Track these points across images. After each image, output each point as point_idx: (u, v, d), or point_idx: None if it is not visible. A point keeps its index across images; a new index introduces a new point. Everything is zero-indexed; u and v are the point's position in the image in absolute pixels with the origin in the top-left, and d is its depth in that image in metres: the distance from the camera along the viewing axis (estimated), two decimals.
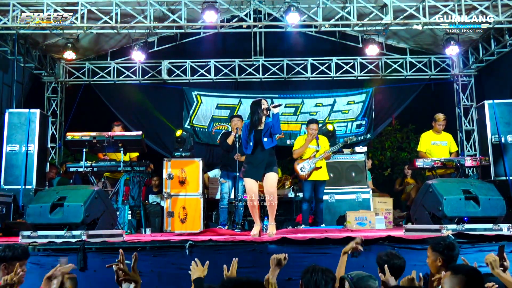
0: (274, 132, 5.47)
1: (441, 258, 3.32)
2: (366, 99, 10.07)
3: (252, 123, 5.50)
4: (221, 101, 10.10)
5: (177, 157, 7.48)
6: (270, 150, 5.51)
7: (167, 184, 7.29)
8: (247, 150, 5.50)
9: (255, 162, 5.49)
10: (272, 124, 5.44)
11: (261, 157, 5.48)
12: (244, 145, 5.59)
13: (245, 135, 5.54)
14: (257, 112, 5.46)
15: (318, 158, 7.07)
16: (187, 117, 9.99)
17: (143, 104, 10.06)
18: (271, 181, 5.49)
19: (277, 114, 5.42)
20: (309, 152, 7.19)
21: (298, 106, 10.12)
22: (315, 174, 7.09)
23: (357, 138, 10.02)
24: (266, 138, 5.46)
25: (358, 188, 7.71)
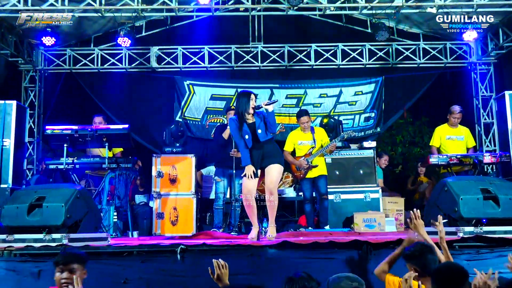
0: (270, 131, 5.50)
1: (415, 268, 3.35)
2: (375, 89, 10.06)
3: (241, 117, 5.50)
4: (216, 92, 10.08)
5: (168, 152, 7.48)
6: (267, 142, 5.51)
7: (157, 183, 7.29)
8: (248, 142, 5.49)
9: (253, 158, 5.49)
10: (267, 121, 5.45)
11: (259, 151, 5.48)
12: (237, 142, 5.57)
13: (235, 131, 5.52)
14: (244, 106, 5.47)
15: (316, 155, 7.08)
16: (179, 109, 9.98)
17: (130, 94, 10.03)
18: (272, 175, 5.47)
19: (272, 113, 5.42)
20: (304, 149, 7.20)
21: (301, 97, 10.10)
22: (312, 171, 7.13)
23: (366, 132, 10.02)
24: (260, 129, 5.46)
25: (366, 187, 7.71)
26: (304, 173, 7.15)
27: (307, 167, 7.10)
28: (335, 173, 7.74)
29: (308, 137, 7.20)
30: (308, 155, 7.15)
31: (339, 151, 7.74)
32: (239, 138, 5.48)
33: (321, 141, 7.20)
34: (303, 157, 7.16)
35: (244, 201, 5.56)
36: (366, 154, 7.87)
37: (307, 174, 7.14)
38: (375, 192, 7.68)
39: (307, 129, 7.17)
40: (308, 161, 7.11)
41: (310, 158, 7.11)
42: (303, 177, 7.18)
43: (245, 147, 5.49)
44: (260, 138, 5.45)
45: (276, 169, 5.49)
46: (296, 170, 7.25)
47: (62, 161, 6.46)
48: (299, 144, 7.25)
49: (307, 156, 7.14)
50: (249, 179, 5.45)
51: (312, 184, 7.19)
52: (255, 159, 5.50)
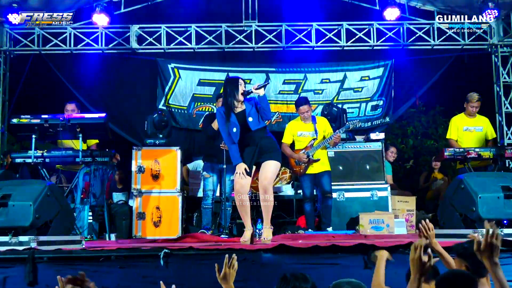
0: (264, 117, 5.50)
1: (466, 265, 3.36)
2: (384, 74, 10.08)
3: (228, 107, 5.49)
4: (205, 76, 10.07)
5: (150, 145, 7.48)
6: (260, 132, 5.50)
7: (137, 179, 7.30)
8: (234, 137, 5.47)
9: (245, 152, 5.49)
10: (260, 107, 5.44)
11: (252, 144, 5.48)
12: (225, 138, 5.57)
13: (222, 124, 5.50)
14: (232, 94, 5.46)
15: (317, 148, 7.10)
16: (162, 95, 9.97)
17: (107, 79, 10.01)
18: (267, 171, 5.47)
19: (264, 97, 5.41)
20: (304, 141, 7.21)
21: (300, 82, 10.11)
22: (314, 167, 7.15)
23: (373, 123, 10.04)
24: (251, 117, 5.46)
25: (373, 184, 7.75)
26: (304, 168, 7.16)
27: (307, 161, 7.11)
28: (338, 169, 7.76)
29: (309, 127, 7.21)
30: (309, 147, 7.16)
31: (342, 143, 7.76)
32: (227, 133, 5.47)
33: (324, 132, 7.21)
34: (303, 150, 7.17)
35: (236, 199, 5.55)
36: (373, 147, 7.89)
37: (308, 169, 7.15)
38: (383, 190, 7.71)
39: (308, 119, 7.18)
40: (309, 155, 7.12)
41: (311, 151, 7.12)
42: (302, 173, 7.19)
43: (233, 142, 5.48)
44: (252, 127, 5.42)
45: (272, 165, 5.48)
46: (295, 164, 7.26)
47: (30, 154, 6.44)
48: (298, 135, 7.26)
49: (307, 149, 7.15)
50: (241, 177, 5.45)
51: (313, 181, 7.21)
52: (248, 155, 5.47)
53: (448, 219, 5.23)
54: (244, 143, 5.50)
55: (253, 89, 5.41)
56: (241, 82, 5.50)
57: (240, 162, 5.45)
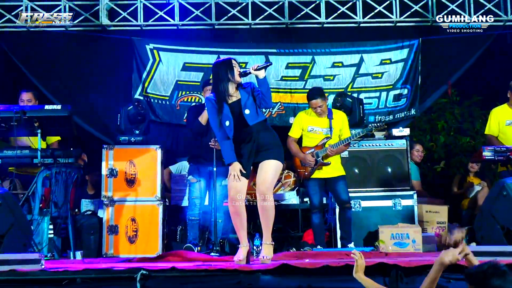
0: (263, 105, 5.45)
1: None
2: (409, 56, 10.04)
3: (220, 95, 5.46)
4: (190, 59, 10.04)
5: (123, 143, 7.47)
6: (259, 126, 5.48)
7: (108, 185, 7.30)
8: (228, 132, 5.43)
9: (241, 150, 5.47)
10: (258, 93, 5.41)
11: (249, 140, 5.45)
12: (216, 133, 5.54)
13: (214, 116, 5.47)
14: (225, 78, 5.40)
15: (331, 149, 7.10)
16: (139, 83, 9.93)
17: (71, 63, 9.96)
18: (266, 173, 5.43)
19: (264, 80, 5.37)
20: (315, 138, 7.18)
21: (307, 66, 10.07)
22: (323, 170, 7.16)
23: (396, 116, 10.00)
24: (248, 109, 5.43)
25: (396, 190, 7.77)
26: (310, 171, 7.15)
27: (314, 163, 7.09)
28: (353, 172, 7.78)
29: (323, 122, 7.20)
30: (320, 147, 7.14)
31: (359, 142, 7.76)
32: (218, 127, 5.44)
33: (340, 131, 7.20)
34: (313, 148, 7.15)
35: (230, 208, 5.52)
36: (396, 146, 7.89)
37: (314, 172, 7.14)
38: (409, 198, 7.72)
39: (323, 114, 7.16)
40: (318, 156, 7.10)
41: (322, 152, 7.10)
42: (307, 176, 7.18)
43: (226, 138, 5.46)
44: (249, 121, 5.38)
45: (273, 166, 5.44)
46: (300, 165, 7.25)
47: None
48: (309, 130, 7.25)
49: (318, 149, 7.14)
50: (235, 180, 5.43)
51: (323, 187, 7.21)
52: (245, 154, 5.44)
53: (487, 233, 5.23)
54: (240, 140, 5.46)
55: (252, 69, 5.36)
56: (234, 64, 5.46)
57: (234, 161, 5.42)
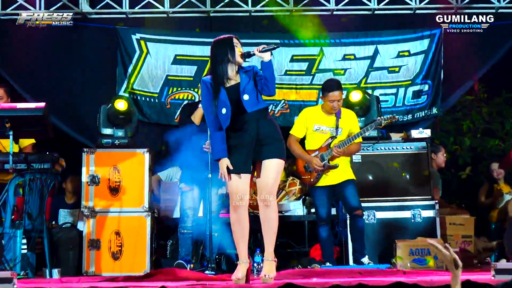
0: (265, 92, 5.38)
1: None
2: (430, 48, 10.04)
3: (217, 78, 5.41)
4: (182, 51, 10.05)
5: (106, 146, 7.49)
6: (258, 114, 5.41)
7: (89, 194, 7.32)
8: (223, 121, 5.35)
9: (238, 140, 5.40)
10: (261, 77, 5.36)
11: (247, 129, 5.39)
12: (208, 120, 5.47)
13: (208, 99, 5.40)
14: (225, 59, 5.36)
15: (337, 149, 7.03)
16: (124, 78, 9.94)
17: (48, 56, 9.95)
18: (268, 176, 5.39)
19: (269, 64, 5.33)
20: (321, 139, 7.13)
21: (314, 59, 10.09)
22: (331, 175, 7.08)
23: (415, 115, 9.99)
24: (248, 94, 5.36)
25: (415, 200, 7.75)
26: (316, 178, 7.09)
27: (321, 168, 7.04)
28: (367, 179, 7.80)
29: (330, 121, 7.14)
30: (324, 149, 7.09)
31: (372, 144, 7.75)
32: (213, 114, 5.38)
33: (349, 131, 7.14)
34: (317, 151, 7.11)
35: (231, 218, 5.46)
36: (415, 149, 7.91)
37: (321, 179, 7.09)
38: (429, 209, 7.70)
39: (336, 109, 7.10)
40: (324, 159, 7.05)
41: (328, 153, 7.05)
42: (313, 183, 7.12)
43: (218, 128, 5.39)
44: (248, 107, 5.30)
45: (275, 167, 5.39)
46: (303, 170, 7.21)
47: None
48: (315, 129, 7.18)
49: (322, 151, 7.08)
50: (230, 180, 5.38)
51: (331, 196, 7.16)
52: (242, 144, 5.34)
53: None
54: (236, 129, 5.37)
55: (257, 51, 5.33)
56: (236, 43, 5.44)
57: (223, 157, 5.36)
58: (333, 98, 7.02)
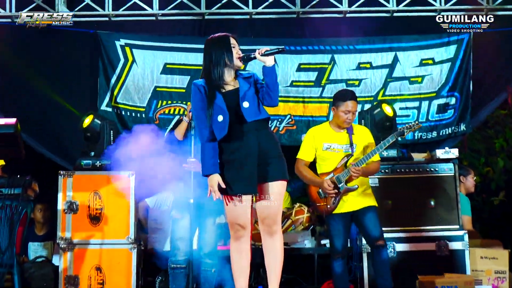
0: (266, 102, 5.34)
1: None
2: (458, 55, 10.07)
3: (212, 83, 5.39)
4: (173, 59, 10.10)
5: (86, 168, 7.54)
6: (259, 125, 5.36)
7: (66, 223, 7.34)
8: (218, 130, 5.30)
9: (236, 155, 5.35)
10: (263, 85, 5.35)
11: (246, 142, 5.31)
12: (199, 128, 5.38)
13: (201, 105, 5.35)
14: (222, 62, 5.36)
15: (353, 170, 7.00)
16: (106, 89, 9.97)
17: (19, 65, 9.96)
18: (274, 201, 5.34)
19: (272, 70, 5.30)
20: (334, 159, 7.14)
21: (325, 68, 10.11)
22: (350, 201, 7.03)
23: (441, 132, 9.99)
24: (248, 101, 5.32)
25: (441, 229, 7.75)
26: (333, 203, 7.03)
27: (336, 192, 7.00)
28: (386, 205, 7.75)
29: (342, 138, 7.08)
30: (340, 169, 7.05)
31: (392, 165, 7.75)
32: (206, 122, 5.30)
33: (363, 147, 7.10)
34: (332, 173, 7.08)
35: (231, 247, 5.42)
36: (441, 172, 7.90)
37: (339, 205, 7.05)
38: (458, 239, 7.70)
39: (348, 123, 7.07)
40: (341, 181, 7.01)
41: (344, 174, 7.01)
42: (330, 211, 7.07)
43: (210, 139, 5.34)
44: (247, 117, 5.26)
45: (280, 189, 5.36)
46: (318, 197, 7.17)
47: None
48: (325, 149, 7.12)
49: (338, 172, 7.04)
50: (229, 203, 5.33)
51: (349, 225, 7.11)
52: (239, 163, 5.28)
53: None
54: (231, 142, 5.30)
55: (258, 54, 5.31)
56: (234, 43, 5.44)
57: (213, 172, 5.29)
58: (347, 109, 6.93)
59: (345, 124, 6.99)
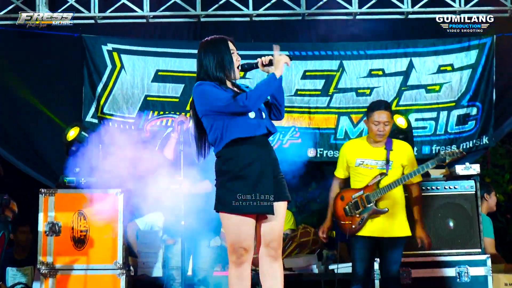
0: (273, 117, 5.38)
1: None
2: (479, 61, 10.05)
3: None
4: (166, 65, 10.07)
5: (70, 186, 7.54)
6: (267, 139, 5.35)
7: (48, 246, 7.33)
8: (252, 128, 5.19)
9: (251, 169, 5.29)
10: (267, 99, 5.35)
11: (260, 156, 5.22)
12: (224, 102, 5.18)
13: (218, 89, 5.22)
14: (220, 69, 5.27)
15: (386, 190, 7.01)
16: (92, 99, 9.95)
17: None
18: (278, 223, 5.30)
19: (280, 81, 5.29)
20: (367, 175, 7.15)
21: (333, 75, 10.10)
22: (379, 225, 7.05)
23: (461, 146, 9.93)
24: (263, 112, 5.30)
25: (462, 253, 7.76)
26: (359, 225, 7.04)
27: (358, 214, 7.00)
28: None
29: (379, 153, 7.12)
30: (372, 188, 7.08)
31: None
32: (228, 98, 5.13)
33: (401, 166, 7.12)
34: (362, 190, 7.10)
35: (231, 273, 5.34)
36: (460, 190, 7.91)
37: (364, 227, 7.06)
38: (480, 265, 7.69)
39: (381, 135, 7.13)
40: (370, 201, 7.00)
41: (375, 194, 7.02)
42: (354, 231, 7.08)
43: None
44: (270, 127, 5.31)
45: (284, 211, 5.36)
46: (344, 214, 7.16)
47: None
48: (357, 164, 7.17)
49: (369, 190, 7.06)
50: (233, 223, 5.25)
51: (375, 249, 7.13)
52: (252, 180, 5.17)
53: None
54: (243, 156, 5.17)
55: (261, 64, 5.32)
56: (232, 48, 5.38)
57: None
58: (379, 120, 7.00)
59: (378, 137, 7.05)
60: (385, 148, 7.09)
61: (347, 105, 9.76)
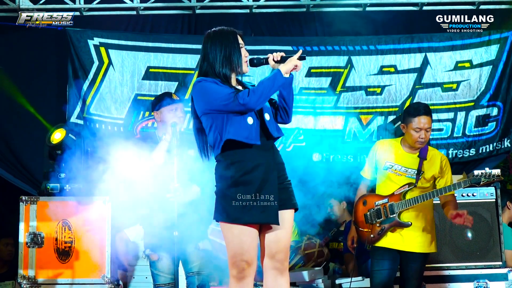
0: (280, 119, 5.39)
1: None
2: (500, 57, 9.99)
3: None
4: (157, 61, 10.04)
5: (53, 193, 7.57)
6: (273, 143, 5.36)
7: (29, 259, 7.36)
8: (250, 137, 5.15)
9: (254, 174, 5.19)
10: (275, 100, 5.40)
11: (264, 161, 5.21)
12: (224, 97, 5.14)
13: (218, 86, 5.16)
14: (228, 63, 5.24)
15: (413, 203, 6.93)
16: (77, 99, 9.90)
17: None
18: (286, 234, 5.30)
19: (290, 79, 5.26)
20: (394, 181, 7.14)
21: (340, 72, 10.08)
22: (402, 237, 7.02)
23: (480, 150, 9.89)
24: (267, 113, 5.28)
25: (481, 266, 7.81)
26: (378, 235, 7.04)
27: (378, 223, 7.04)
28: None
29: (411, 161, 7.10)
30: (397, 197, 7.02)
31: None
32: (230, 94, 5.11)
33: (433, 177, 7.11)
34: (386, 198, 7.06)
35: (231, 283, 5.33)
36: (480, 197, 8.01)
37: (382, 238, 7.05)
38: (500, 279, 7.77)
39: (422, 143, 7.07)
40: (394, 211, 7.00)
41: (400, 205, 6.97)
42: (373, 241, 7.08)
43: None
44: (273, 131, 5.28)
45: (292, 220, 5.37)
46: (364, 221, 7.14)
47: None
48: (385, 168, 7.14)
49: (394, 199, 7.00)
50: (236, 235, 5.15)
51: (396, 262, 7.10)
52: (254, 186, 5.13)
53: None
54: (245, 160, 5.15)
55: (272, 59, 5.28)
56: (241, 43, 5.37)
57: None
58: (419, 126, 6.95)
59: (418, 144, 7.04)
60: (418, 155, 7.07)
61: (356, 105, 9.79)
